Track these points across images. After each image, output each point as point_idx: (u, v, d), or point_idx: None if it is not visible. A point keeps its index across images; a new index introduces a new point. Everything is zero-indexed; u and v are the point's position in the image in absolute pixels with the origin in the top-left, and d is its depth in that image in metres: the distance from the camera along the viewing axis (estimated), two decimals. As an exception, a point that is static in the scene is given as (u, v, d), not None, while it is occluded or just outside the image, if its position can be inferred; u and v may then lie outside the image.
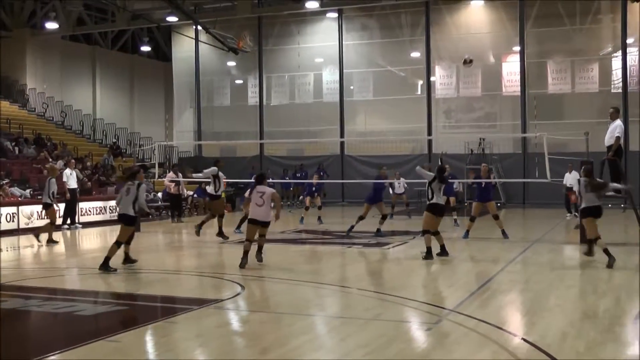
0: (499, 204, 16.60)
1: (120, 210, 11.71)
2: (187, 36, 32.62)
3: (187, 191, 25.29)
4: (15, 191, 21.15)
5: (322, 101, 32.41)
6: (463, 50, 30.07)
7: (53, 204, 16.15)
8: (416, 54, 31.29)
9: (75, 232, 19.37)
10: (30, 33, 32.91)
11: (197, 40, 32.71)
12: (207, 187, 16.59)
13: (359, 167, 31.20)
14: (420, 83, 31.41)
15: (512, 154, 29.22)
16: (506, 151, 29.36)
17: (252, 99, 33.83)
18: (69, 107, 32.91)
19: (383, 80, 31.69)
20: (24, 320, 8.18)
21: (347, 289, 9.93)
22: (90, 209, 21.72)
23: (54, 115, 32.31)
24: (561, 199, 22.57)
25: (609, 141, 14.26)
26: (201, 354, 6.60)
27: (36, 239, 15.86)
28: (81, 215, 21.06)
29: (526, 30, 29.33)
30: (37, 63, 33.42)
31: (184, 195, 24.46)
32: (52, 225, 16.14)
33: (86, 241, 17.77)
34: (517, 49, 29.63)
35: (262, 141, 32.70)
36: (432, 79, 30.79)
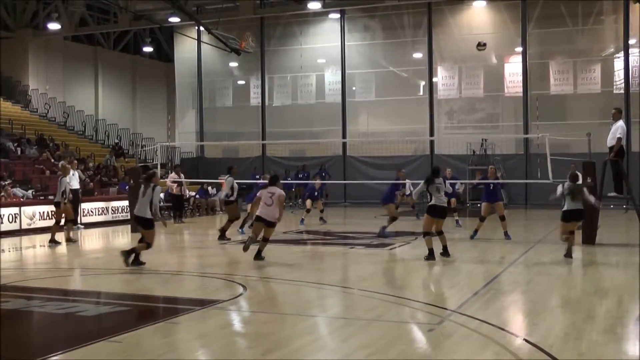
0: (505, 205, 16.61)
1: (137, 212, 11.91)
2: (189, 37, 32.65)
3: (189, 192, 25.31)
4: (18, 192, 21.17)
5: (325, 102, 32.40)
6: (465, 51, 30.18)
7: (64, 202, 16.10)
8: (418, 55, 31.29)
9: (78, 233, 19.38)
10: (33, 34, 32.95)
11: (199, 41, 32.74)
12: (221, 193, 16.84)
13: (361, 168, 31.20)
14: (423, 84, 31.40)
15: (515, 155, 29.19)
16: (508, 152, 29.34)
17: (255, 99, 33.83)
18: (72, 108, 32.95)
19: (385, 81, 31.67)
20: (26, 321, 8.19)
21: (349, 289, 9.94)
22: (93, 210, 21.74)
23: (56, 115, 32.36)
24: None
25: (611, 142, 14.27)
26: (203, 355, 6.61)
27: (66, 239, 16.00)
28: (83, 216, 21.06)
29: (528, 31, 29.31)
30: (39, 64, 33.47)
31: (186, 196, 24.48)
32: (57, 225, 16.25)
33: (88, 242, 17.79)
34: (519, 49, 29.61)
35: (264, 142, 32.69)
36: (434, 79, 30.77)
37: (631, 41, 27.96)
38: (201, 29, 29.87)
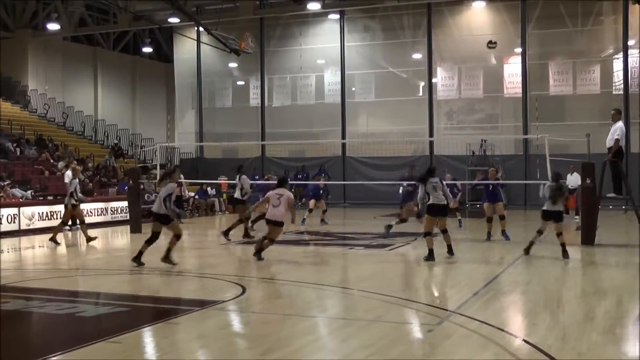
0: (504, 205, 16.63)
1: (154, 209, 12.21)
2: (189, 37, 32.65)
3: (188, 192, 25.30)
4: (17, 192, 21.17)
5: (324, 102, 32.40)
6: (465, 52, 30.20)
7: (76, 203, 16.29)
8: (418, 56, 31.30)
9: (77, 233, 19.36)
10: (32, 34, 32.97)
11: (198, 41, 32.73)
12: (235, 193, 16.95)
13: (360, 169, 31.20)
14: (422, 84, 31.42)
15: (514, 156, 29.21)
16: (508, 153, 29.35)
17: (254, 100, 33.84)
18: (71, 108, 32.95)
19: (385, 82, 31.67)
20: (26, 322, 8.18)
21: (348, 290, 9.94)
22: (92, 210, 21.70)
23: (55, 116, 32.35)
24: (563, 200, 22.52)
25: (610, 143, 14.28)
26: (203, 355, 6.60)
27: (87, 239, 16.09)
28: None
29: (528, 32, 29.33)
30: (38, 64, 33.47)
31: (185, 196, 24.47)
32: (63, 224, 16.46)
33: (87, 245, 17.75)
34: (518, 50, 29.63)
35: (263, 142, 32.69)
36: (433, 80, 30.79)
37: (630, 42, 27.99)
38: (201, 29, 29.85)
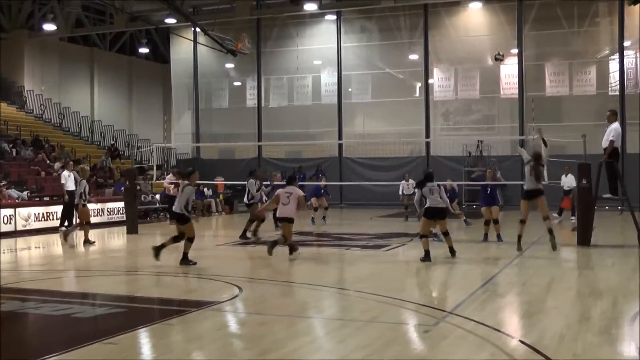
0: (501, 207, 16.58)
1: (174, 208, 12.47)
2: (185, 38, 32.63)
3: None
4: (13, 193, 21.12)
5: (321, 103, 32.41)
6: (461, 53, 30.23)
7: (84, 204, 16.48)
8: (414, 57, 31.33)
9: (73, 234, 19.32)
10: (28, 34, 32.92)
11: (195, 42, 32.73)
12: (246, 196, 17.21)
13: (357, 169, 31.21)
14: (419, 85, 31.45)
15: (510, 157, 29.18)
16: (504, 153, 29.34)
17: (251, 101, 33.84)
18: (67, 109, 32.91)
19: (381, 83, 31.70)
20: (22, 323, 8.17)
21: (345, 291, 9.94)
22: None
23: (51, 117, 32.30)
24: (558, 201, 22.55)
25: (606, 144, 14.30)
26: (199, 356, 6.60)
27: (84, 240, 16.20)
28: (79, 218, 20.96)
29: (524, 33, 29.38)
30: (35, 65, 33.42)
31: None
32: (87, 224, 16.60)
33: (84, 246, 17.71)
34: (515, 51, 29.68)
35: (260, 143, 32.69)
36: (430, 81, 30.82)
37: (626, 43, 28.06)
38: (197, 30, 29.84)
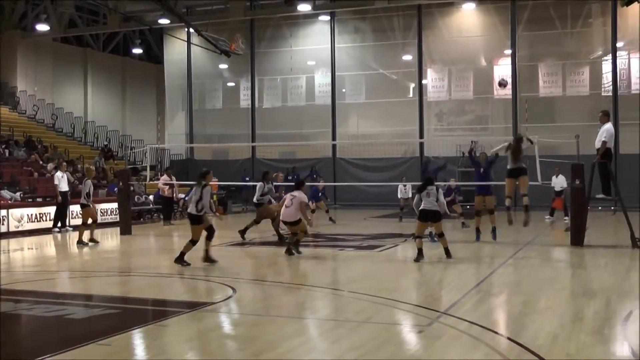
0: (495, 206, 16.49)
1: (189, 209, 12.66)
2: (179, 38, 32.58)
3: (179, 194, 25.22)
4: (6, 194, 21.05)
5: (314, 104, 32.41)
6: (455, 54, 30.26)
7: (89, 204, 16.46)
8: (408, 57, 31.35)
9: (66, 235, 19.30)
10: (21, 35, 32.80)
11: (189, 42, 32.67)
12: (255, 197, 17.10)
13: (350, 170, 31.22)
14: (412, 86, 31.47)
15: (504, 157, 29.13)
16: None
17: (244, 101, 33.81)
18: (60, 110, 32.81)
19: (375, 83, 31.72)
20: (14, 324, 8.13)
21: (339, 291, 9.94)
22: (82, 212, 21.58)
23: (44, 117, 32.19)
24: (549, 201, 22.64)
25: (599, 144, 14.35)
26: (193, 357, 6.59)
27: (78, 240, 16.20)
28: (72, 218, 20.96)
29: (518, 34, 29.43)
30: (28, 65, 33.31)
31: (176, 198, 24.42)
32: (94, 223, 16.61)
33: (77, 246, 17.67)
34: (508, 52, 29.73)
35: (254, 144, 32.66)
36: (424, 81, 30.85)
37: (619, 44, 28.15)
38: (191, 30, 29.78)
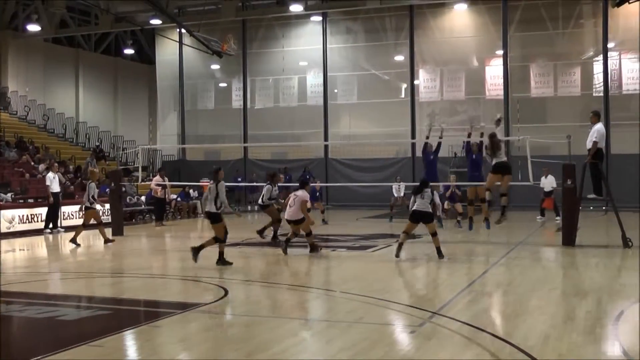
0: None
1: (205, 208, 12.58)
2: (171, 39, 32.52)
3: (171, 195, 25.22)
4: (-3, 195, 20.99)
5: (307, 104, 32.43)
6: (447, 54, 30.31)
7: (93, 206, 16.51)
8: (400, 58, 31.40)
9: (58, 236, 19.25)
10: (12, 35, 32.69)
11: (181, 43, 32.63)
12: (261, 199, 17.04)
13: (343, 171, 31.24)
14: (404, 86, 31.52)
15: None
16: (490, 154, 29.44)
17: (236, 102, 33.80)
18: (52, 110, 32.70)
19: (367, 84, 31.77)
20: (6, 326, 8.10)
21: (330, 292, 9.95)
22: (73, 213, 21.55)
23: (36, 118, 32.07)
24: (538, 202, 22.76)
25: (590, 145, 14.41)
26: (185, 358, 6.58)
27: (74, 242, 16.19)
28: (63, 219, 20.91)
29: (509, 34, 29.52)
30: (19, 65, 33.19)
31: (168, 199, 24.41)
32: (100, 224, 16.65)
33: (68, 245, 17.61)
34: (500, 52, 29.82)
35: (246, 144, 32.65)
36: (415, 82, 30.92)
37: (610, 44, 28.28)
38: (183, 31, 29.75)
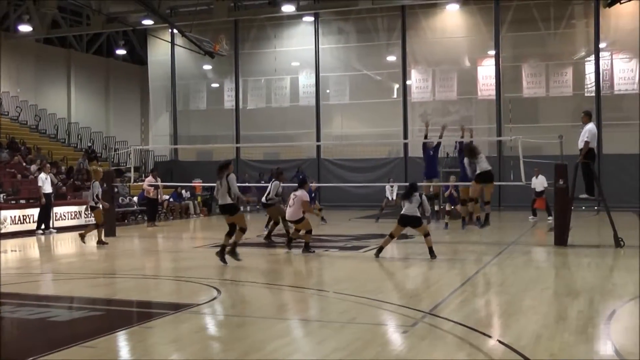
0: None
1: (220, 202, 12.50)
2: (163, 39, 32.45)
3: (163, 195, 25.17)
4: (-12, 196, 20.92)
5: (299, 105, 32.43)
6: (439, 54, 30.37)
7: (98, 206, 16.39)
8: (392, 58, 31.43)
9: (50, 237, 19.19)
10: (4, 36, 32.55)
11: (173, 43, 32.56)
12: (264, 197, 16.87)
13: (335, 171, 31.25)
14: (396, 87, 31.55)
15: (488, 158, 29.19)
16: (482, 154, 29.50)
17: (229, 102, 33.76)
18: (43, 111, 32.59)
19: (359, 84, 31.78)
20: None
21: (323, 292, 9.95)
22: (65, 214, 21.50)
23: (27, 119, 31.95)
24: (529, 202, 22.83)
25: (581, 145, 14.46)
26: (178, 359, 6.57)
27: (81, 239, 16.16)
28: (56, 220, 20.84)
29: (501, 35, 29.59)
30: (10, 66, 33.06)
31: (160, 199, 24.35)
32: (100, 226, 16.52)
33: (61, 246, 17.58)
34: (492, 52, 29.89)
35: (238, 145, 32.63)
36: (408, 82, 30.95)
37: (602, 45, 28.39)
38: (175, 31, 29.70)
